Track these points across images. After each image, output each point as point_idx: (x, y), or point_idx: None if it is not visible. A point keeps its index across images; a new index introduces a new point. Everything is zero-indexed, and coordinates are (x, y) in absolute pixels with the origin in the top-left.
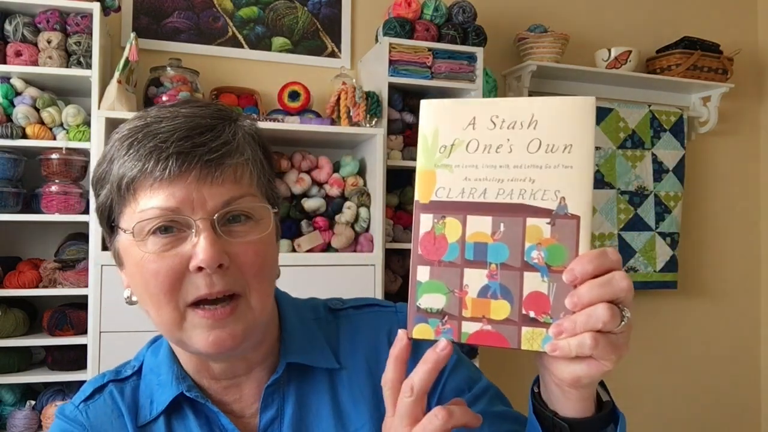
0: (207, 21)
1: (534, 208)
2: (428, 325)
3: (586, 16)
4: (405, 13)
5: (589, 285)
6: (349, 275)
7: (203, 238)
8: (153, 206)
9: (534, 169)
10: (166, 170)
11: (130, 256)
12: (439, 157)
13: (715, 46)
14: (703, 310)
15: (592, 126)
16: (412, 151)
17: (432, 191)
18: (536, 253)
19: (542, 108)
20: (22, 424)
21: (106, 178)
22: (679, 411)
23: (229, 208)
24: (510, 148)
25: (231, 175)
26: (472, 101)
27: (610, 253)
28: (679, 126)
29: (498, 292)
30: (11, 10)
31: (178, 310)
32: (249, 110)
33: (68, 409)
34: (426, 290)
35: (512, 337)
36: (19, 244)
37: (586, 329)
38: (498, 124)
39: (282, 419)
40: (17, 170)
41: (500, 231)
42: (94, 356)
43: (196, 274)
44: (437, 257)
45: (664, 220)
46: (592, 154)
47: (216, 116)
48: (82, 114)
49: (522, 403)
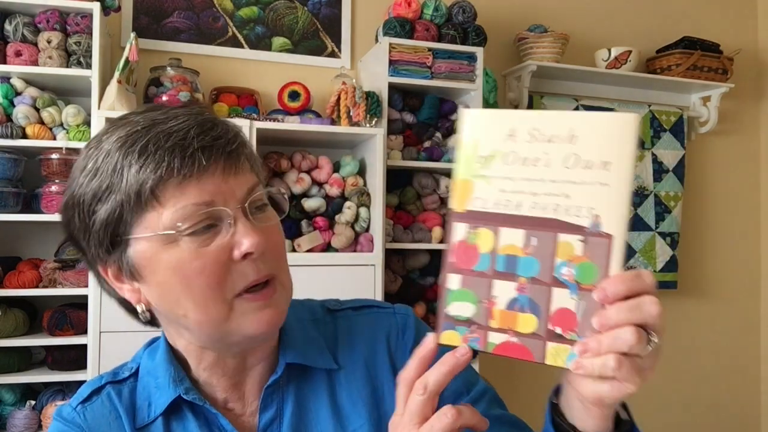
0: (207, 21)
1: (567, 224)
2: (456, 332)
3: (586, 16)
4: (405, 13)
5: (618, 307)
6: (349, 275)
7: (242, 224)
8: (186, 203)
9: (570, 185)
10: (194, 165)
11: (160, 262)
12: (478, 168)
13: (715, 46)
14: (703, 310)
15: (632, 143)
16: (412, 151)
17: (468, 201)
18: (566, 270)
19: (582, 123)
20: (22, 424)
21: (112, 190)
22: (678, 411)
23: (255, 196)
24: (547, 162)
25: (246, 165)
26: (513, 112)
27: (644, 276)
28: (679, 126)
29: (526, 305)
30: (11, 10)
31: (226, 301)
32: (249, 110)
33: (66, 410)
34: (456, 298)
35: (537, 351)
36: (19, 244)
37: (611, 351)
38: (537, 137)
39: (281, 419)
40: (17, 170)
41: (532, 245)
42: (94, 356)
43: (241, 263)
44: (468, 266)
45: (664, 220)
46: (629, 173)
47: (206, 114)
48: (82, 114)
49: (518, 407)
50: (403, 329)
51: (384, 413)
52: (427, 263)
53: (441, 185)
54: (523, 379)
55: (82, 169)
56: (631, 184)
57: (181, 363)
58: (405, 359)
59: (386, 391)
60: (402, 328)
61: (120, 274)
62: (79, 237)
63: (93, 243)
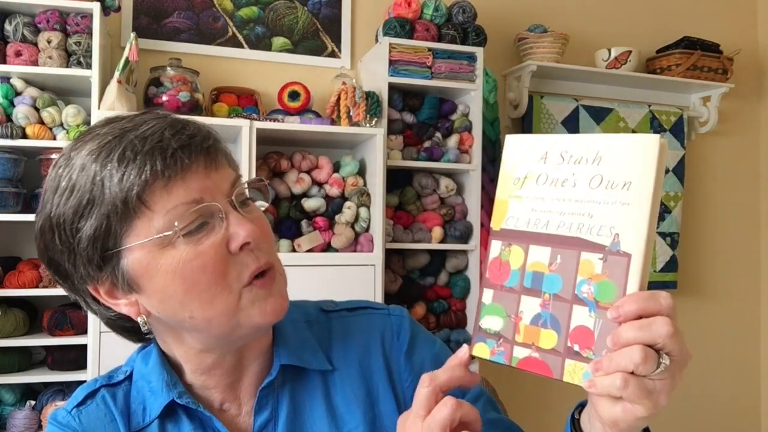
0: (207, 21)
1: (589, 243)
2: (486, 345)
3: (586, 16)
4: (405, 13)
5: (630, 325)
6: (349, 275)
7: (234, 217)
8: (176, 203)
9: (593, 204)
10: (176, 164)
11: (158, 267)
12: (513, 188)
13: (715, 46)
14: (703, 310)
15: (654, 164)
16: (412, 151)
17: (503, 219)
18: (586, 288)
19: (607, 144)
20: (22, 424)
21: (95, 204)
22: (678, 411)
23: (238, 189)
24: (574, 183)
25: (224, 159)
26: (548, 137)
27: (661, 297)
28: (679, 126)
29: (548, 321)
30: (11, 10)
31: (233, 293)
32: (249, 110)
33: (61, 414)
34: (488, 312)
35: (556, 368)
36: (19, 244)
37: (618, 369)
38: (566, 159)
39: (276, 421)
40: (17, 170)
41: (557, 262)
42: (94, 356)
43: (240, 254)
44: (500, 282)
45: (664, 220)
46: (651, 193)
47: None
48: (82, 114)
49: (518, 411)
50: (398, 331)
51: (379, 414)
52: (427, 263)
53: (441, 185)
54: (526, 387)
55: (55, 189)
56: (653, 204)
57: (174, 369)
58: (400, 361)
59: (381, 392)
60: (397, 330)
61: (114, 289)
62: (62, 260)
63: (80, 263)
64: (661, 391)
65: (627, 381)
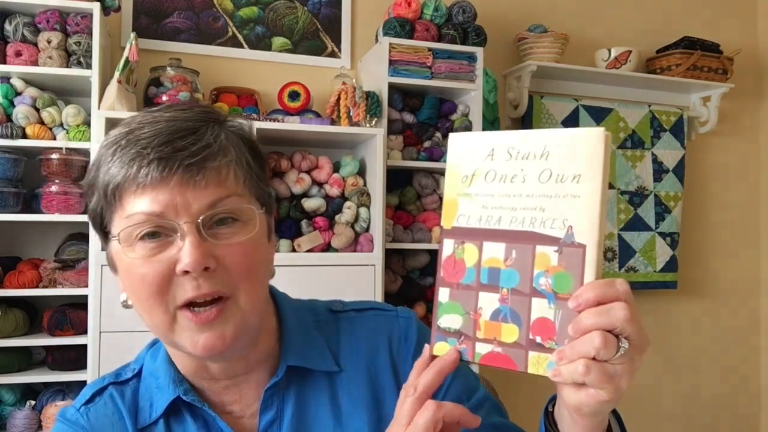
0: (207, 21)
1: (543, 236)
2: (447, 344)
3: (586, 16)
4: (405, 13)
5: (588, 312)
6: (349, 275)
7: (188, 241)
8: (138, 211)
9: (544, 198)
10: (147, 176)
11: (120, 261)
12: (462, 187)
13: (715, 46)
14: (703, 310)
15: (601, 156)
16: (412, 151)
17: (454, 218)
18: (544, 280)
19: (554, 139)
20: (22, 424)
21: (95, 184)
22: (678, 411)
23: (214, 211)
24: (523, 178)
25: (215, 178)
26: (493, 133)
27: (617, 283)
28: (679, 126)
29: (508, 316)
30: (11, 10)
31: (168, 312)
32: (249, 110)
33: (69, 412)
34: (446, 311)
35: (520, 361)
36: (19, 244)
37: (580, 356)
38: (513, 155)
39: (281, 421)
40: (17, 170)
41: (512, 257)
42: (94, 356)
43: (183, 278)
44: (456, 280)
45: (664, 220)
46: (600, 184)
47: (199, 119)
48: (82, 114)
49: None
50: (406, 334)
51: (384, 416)
52: (427, 263)
53: (441, 185)
54: (526, 388)
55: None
56: (603, 195)
57: None
58: (408, 364)
59: (387, 394)
60: (405, 333)
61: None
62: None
63: (96, 228)
64: (622, 375)
65: (589, 367)
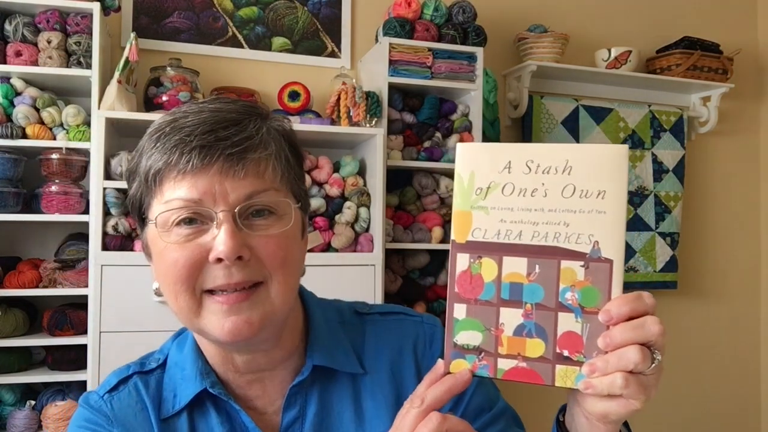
0: (207, 21)
1: (568, 251)
2: (465, 361)
3: (586, 16)
4: (405, 13)
5: (623, 327)
6: (349, 275)
7: (224, 230)
8: (176, 197)
9: (568, 213)
10: (189, 163)
11: (155, 245)
12: (475, 199)
13: (715, 46)
14: (703, 310)
15: (625, 172)
16: (412, 151)
17: (468, 231)
18: (570, 295)
19: (576, 154)
20: (22, 424)
21: (137, 171)
22: (678, 411)
23: (251, 202)
24: (545, 193)
25: (254, 169)
26: (508, 146)
27: (645, 297)
28: (679, 126)
29: (533, 331)
30: (11, 10)
31: (195, 296)
32: None
33: (93, 398)
34: (463, 327)
35: (546, 374)
36: (19, 244)
37: (618, 369)
38: (533, 169)
39: (304, 420)
40: (17, 170)
41: (535, 272)
42: (94, 356)
43: (215, 265)
44: (473, 296)
45: (664, 220)
46: (624, 200)
47: (242, 111)
48: (82, 114)
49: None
50: (431, 340)
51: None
52: (427, 263)
53: (441, 185)
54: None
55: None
56: (626, 210)
57: None
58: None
59: None
60: (430, 339)
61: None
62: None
63: (134, 214)
64: (653, 385)
65: (627, 380)
